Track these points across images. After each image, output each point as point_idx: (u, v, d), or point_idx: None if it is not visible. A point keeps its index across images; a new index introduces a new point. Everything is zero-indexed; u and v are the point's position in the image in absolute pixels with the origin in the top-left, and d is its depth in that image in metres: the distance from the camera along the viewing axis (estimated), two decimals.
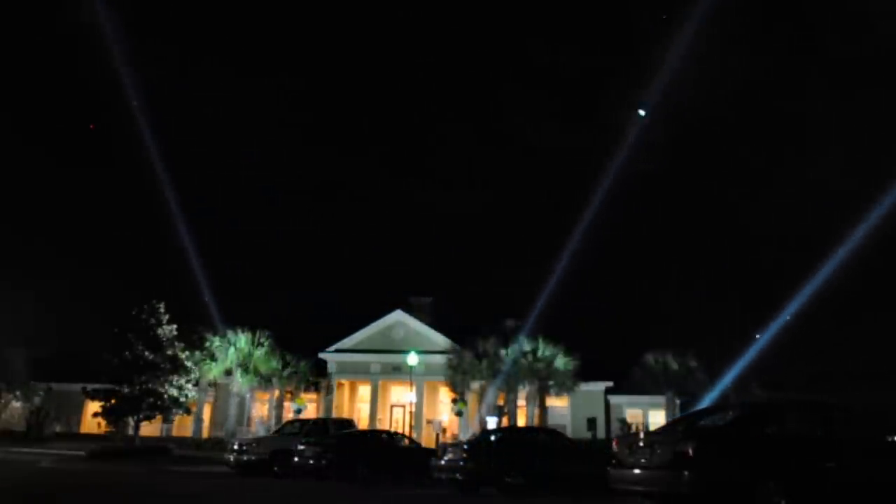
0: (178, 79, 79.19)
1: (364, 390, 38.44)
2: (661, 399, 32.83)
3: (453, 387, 32.97)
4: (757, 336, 31.79)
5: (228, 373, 32.99)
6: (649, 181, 70.88)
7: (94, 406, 30.83)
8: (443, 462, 15.29)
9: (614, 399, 36.40)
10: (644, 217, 69.86)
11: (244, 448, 19.69)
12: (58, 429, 35.54)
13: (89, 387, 29.31)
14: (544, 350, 31.91)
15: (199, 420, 32.88)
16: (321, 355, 36.17)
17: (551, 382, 31.88)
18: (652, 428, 30.50)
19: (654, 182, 69.15)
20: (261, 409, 35.83)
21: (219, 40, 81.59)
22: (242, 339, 32.87)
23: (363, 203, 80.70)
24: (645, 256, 61.72)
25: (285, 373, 33.48)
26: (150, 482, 16.69)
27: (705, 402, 30.75)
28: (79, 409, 36.14)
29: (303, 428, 21.16)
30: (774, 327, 31.69)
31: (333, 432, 20.44)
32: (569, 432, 30.82)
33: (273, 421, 33.18)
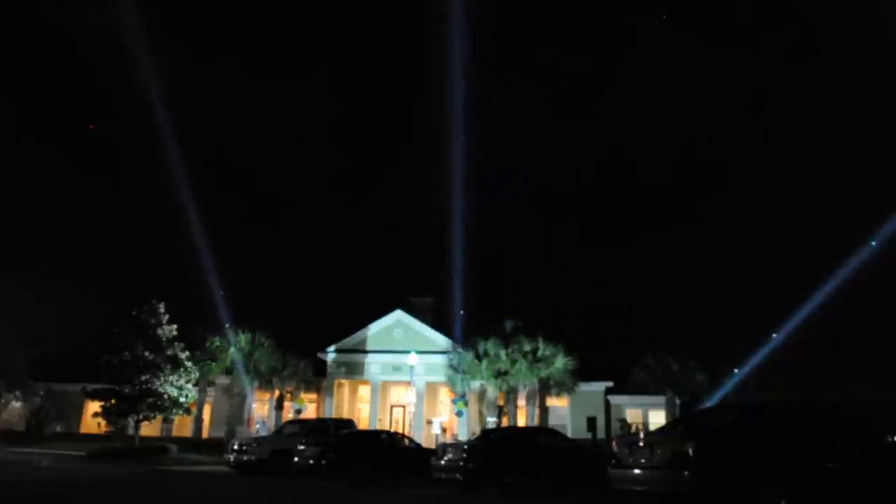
0: (179, 77, 79.19)
1: (364, 390, 38.43)
2: (661, 399, 32.82)
3: (453, 387, 32.97)
4: (758, 336, 31.83)
5: (228, 373, 33.00)
6: (652, 184, 70.91)
7: (94, 406, 30.81)
8: (443, 462, 15.28)
9: (614, 399, 36.40)
10: (645, 218, 69.86)
11: (244, 448, 19.69)
12: (58, 429, 35.54)
13: (89, 387, 29.29)
14: (544, 350, 31.89)
15: (199, 420, 32.86)
16: (321, 355, 36.16)
17: (551, 382, 31.87)
18: (652, 428, 30.50)
19: (656, 185, 69.15)
20: (261, 409, 35.83)
21: (228, 40, 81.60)
22: (243, 339, 32.88)
23: (363, 203, 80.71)
24: (646, 257, 61.68)
25: (285, 373, 33.47)
26: (150, 483, 16.70)
27: (705, 402, 30.76)
28: (79, 409, 36.10)
29: (303, 428, 21.17)
30: (776, 328, 31.74)
31: (333, 432, 20.46)
32: (569, 432, 30.81)
33: (273, 421, 33.18)
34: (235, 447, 20.01)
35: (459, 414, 32.47)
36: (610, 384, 36.17)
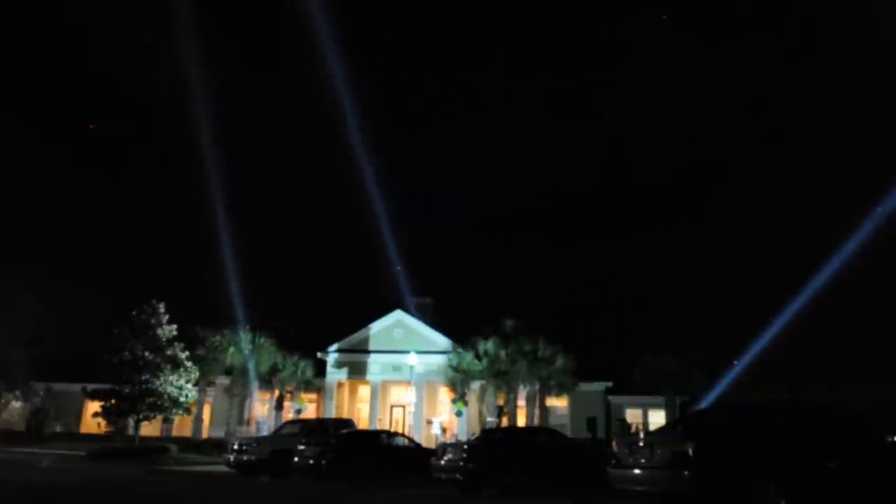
0: (178, 76, 79.17)
1: (364, 390, 38.41)
2: (661, 399, 32.81)
3: (453, 387, 32.95)
4: (757, 336, 31.85)
5: (228, 373, 32.98)
6: (652, 184, 70.88)
7: (94, 406, 30.81)
8: (443, 462, 15.28)
9: (614, 399, 36.36)
10: (645, 218, 69.88)
11: (244, 448, 19.66)
12: (58, 429, 35.51)
13: (89, 387, 29.28)
14: (544, 350, 31.87)
15: (199, 420, 32.84)
16: (321, 355, 36.14)
17: (551, 382, 31.84)
18: (652, 428, 30.50)
19: (656, 185, 69.14)
20: (261, 409, 35.82)
21: (229, 40, 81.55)
22: (243, 339, 32.85)
23: (363, 203, 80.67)
24: (646, 257, 61.71)
25: (285, 373, 33.45)
26: (150, 483, 16.69)
27: (705, 402, 30.80)
28: (79, 409, 36.09)
29: (303, 428, 21.16)
30: (773, 327, 31.76)
31: (333, 432, 20.46)
32: (569, 432, 30.77)
33: (273, 421, 33.17)
34: (235, 447, 19.97)
35: (459, 414, 32.45)
36: (610, 384, 36.14)
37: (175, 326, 30.18)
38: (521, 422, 32.87)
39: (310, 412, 35.33)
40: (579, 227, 71.70)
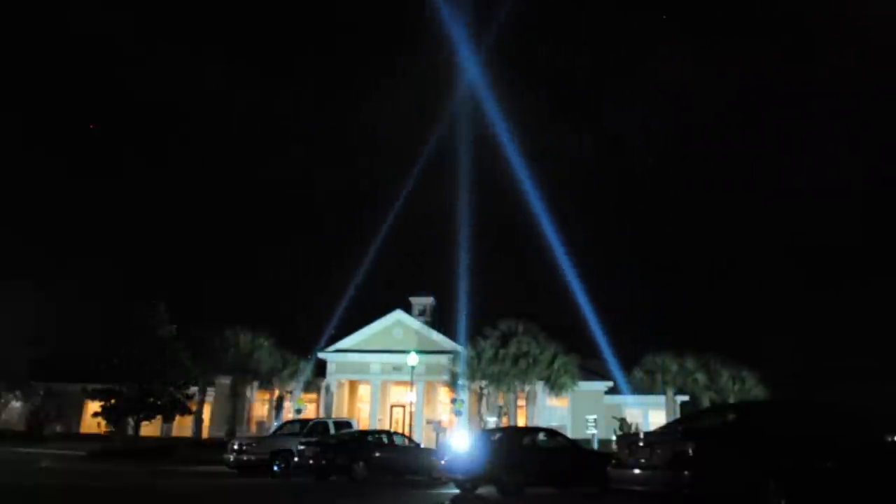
0: (177, 77, 79.21)
1: (364, 390, 38.44)
2: (661, 399, 32.80)
3: (453, 387, 32.96)
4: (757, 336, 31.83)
5: (228, 372, 32.98)
6: (650, 184, 70.93)
7: (94, 406, 30.83)
8: (443, 462, 15.29)
9: (614, 399, 36.35)
10: (643, 219, 69.93)
11: (244, 448, 19.65)
12: (58, 429, 35.55)
13: (89, 387, 29.30)
14: (544, 350, 31.88)
15: (199, 420, 32.86)
16: (321, 355, 36.17)
17: (551, 382, 31.85)
18: (652, 428, 30.45)
19: (655, 185, 69.19)
20: (261, 409, 35.80)
21: (224, 44, 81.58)
22: (242, 339, 32.86)
23: (363, 203, 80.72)
24: (645, 257, 61.73)
25: (285, 373, 33.48)
26: (151, 482, 16.69)
27: (705, 402, 30.80)
28: (79, 409, 36.12)
29: (303, 428, 21.17)
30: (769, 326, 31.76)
31: (333, 432, 20.46)
32: (569, 432, 30.78)
33: (273, 421, 33.18)
34: (235, 447, 19.96)
35: (459, 413, 32.46)
36: (610, 384, 36.15)
37: (175, 327, 30.19)
38: (521, 422, 32.86)
39: (310, 412, 35.37)
40: (579, 226, 71.80)
